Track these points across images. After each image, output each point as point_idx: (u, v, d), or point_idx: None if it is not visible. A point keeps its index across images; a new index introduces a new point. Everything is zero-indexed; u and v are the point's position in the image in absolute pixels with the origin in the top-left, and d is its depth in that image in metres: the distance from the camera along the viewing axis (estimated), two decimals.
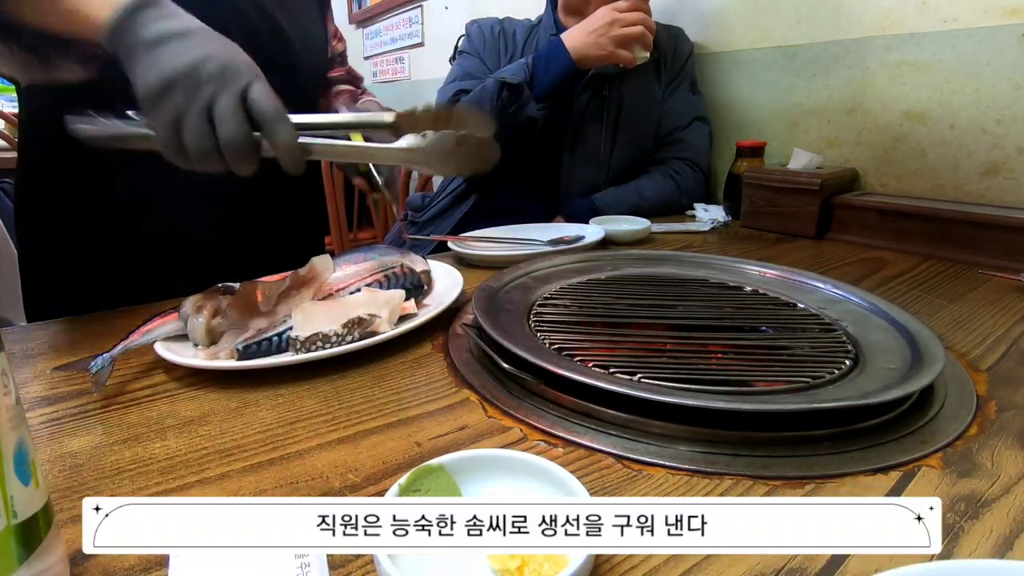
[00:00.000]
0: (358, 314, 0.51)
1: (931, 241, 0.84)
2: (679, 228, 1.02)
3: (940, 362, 0.42)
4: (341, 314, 0.51)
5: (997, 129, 0.89)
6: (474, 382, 0.47)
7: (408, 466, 0.35)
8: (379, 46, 2.73)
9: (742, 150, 1.11)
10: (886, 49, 0.99)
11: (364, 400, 0.45)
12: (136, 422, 0.42)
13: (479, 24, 1.22)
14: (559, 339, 0.51)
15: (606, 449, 0.38)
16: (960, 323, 0.58)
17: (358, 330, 0.51)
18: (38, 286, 0.71)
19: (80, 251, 0.69)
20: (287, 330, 0.51)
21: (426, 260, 0.68)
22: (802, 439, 0.38)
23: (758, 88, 1.19)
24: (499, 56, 1.18)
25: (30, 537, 0.24)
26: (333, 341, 0.50)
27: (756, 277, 0.66)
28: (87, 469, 0.37)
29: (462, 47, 1.24)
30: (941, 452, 0.37)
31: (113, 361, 0.48)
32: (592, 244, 0.86)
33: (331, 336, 0.50)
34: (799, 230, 0.96)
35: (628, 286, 0.61)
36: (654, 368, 0.45)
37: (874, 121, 1.03)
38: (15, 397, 0.24)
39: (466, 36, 1.23)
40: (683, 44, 1.22)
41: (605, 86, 1.14)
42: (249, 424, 0.42)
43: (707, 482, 0.35)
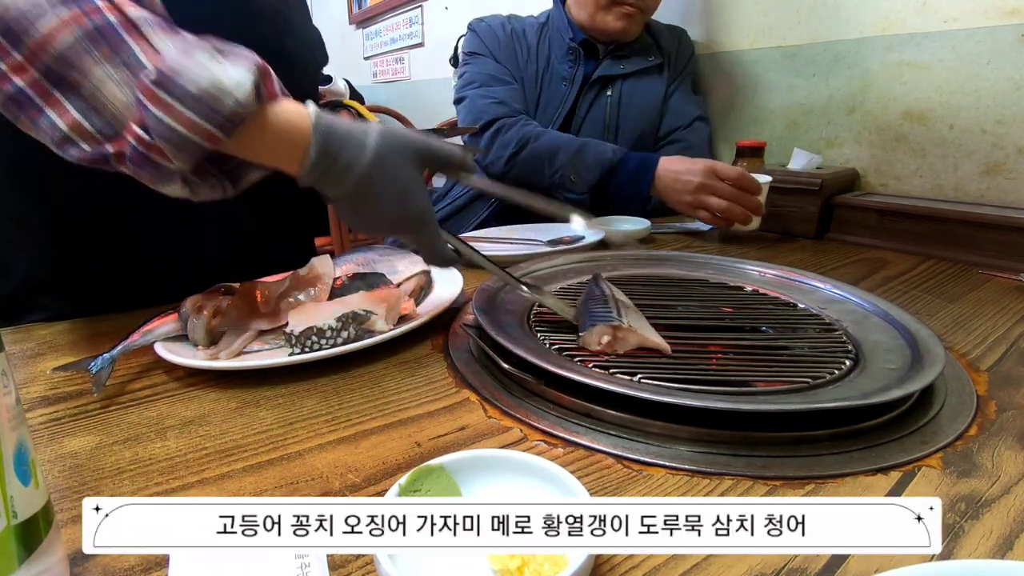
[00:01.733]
0: (353, 309, 0.51)
1: (931, 241, 0.84)
2: (679, 228, 1.02)
3: (940, 362, 0.42)
4: (338, 311, 0.51)
5: (997, 129, 0.89)
6: (474, 382, 0.47)
7: (408, 466, 0.35)
8: (379, 46, 2.73)
9: (742, 150, 1.11)
10: (886, 49, 0.99)
11: (364, 400, 0.45)
12: (136, 422, 0.42)
13: (488, 23, 1.19)
14: (559, 339, 0.51)
15: (606, 449, 0.38)
16: (960, 323, 0.58)
17: (353, 326, 0.51)
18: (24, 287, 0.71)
19: (68, 254, 0.68)
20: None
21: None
22: (802, 439, 0.38)
23: (758, 88, 1.20)
24: (515, 56, 1.16)
25: (30, 537, 0.24)
26: (328, 336, 0.50)
27: (756, 277, 0.66)
28: (87, 469, 0.37)
29: (471, 48, 1.20)
30: (941, 452, 0.37)
31: (113, 361, 0.48)
32: (592, 244, 0.86)
33: (325, 330, 0.50)
34: (799, 230, 0.96)
35: (628, 286, 0.61)
36: (654, 368, 0.45)
37: (874, 121, 1.03)
38: (15, 397, 0.24)
39: (474, 34, 1.20)
40: (686, 44, 1.22)
41: (608, 86, 1.14)
42: (249, 424, 0.42)
43: (707, 482, 0.35)
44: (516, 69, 1.16)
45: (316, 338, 0.50)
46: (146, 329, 0.52)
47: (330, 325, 0.50)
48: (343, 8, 2.92)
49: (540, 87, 1.15)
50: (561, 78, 1.14)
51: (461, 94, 1.17)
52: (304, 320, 0.50)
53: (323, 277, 0.60)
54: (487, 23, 1.20)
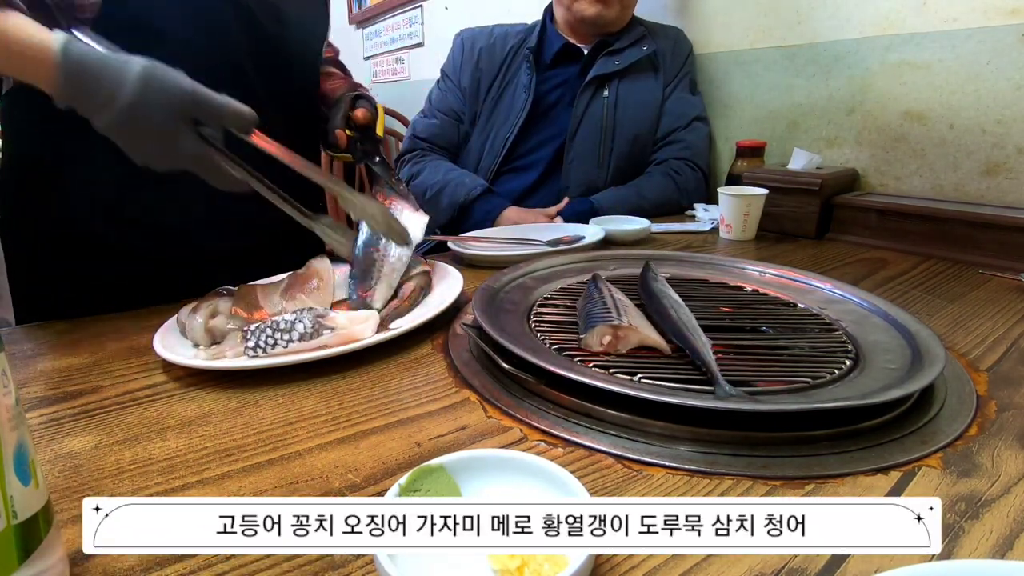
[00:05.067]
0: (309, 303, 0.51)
1: (931, 241, 0.84)
2: (679, 228, 1.02)
3: (940, 362, 0.42)
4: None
5: (997, 129, 0.89)
6: (474, 382, 0.47)
7: (408, 466, 0.35)
8: (379, 46, 2.72)
9: (742, 150, 1.11)
10: (886, 49, 0.99)
11: (364, 400, 0.45)
12: (136, 422, 0.42)
13: (471, 34, 1.25)
14: (559, 339, 0.51)
15: (606, 449, 0.38)
16: (960, 323, 0.58)
17: (308, 317, 0.50)
18: (24, 290, 0.71)
19: (63, 257, 0.68)
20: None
21: (425, 260, 0.68)
22: (802, 439, 0.38)
23: (758, 88, 1.19)
24: (480, 72, 1.21)
25: (30, 537, 0.24)
26: (283, 329, 0.49)
27: (756, 277, 0.66)
28: (87, 469, 0.37)
29: (445, 65, 1.28)
30: (941, 452, 0.37)
31: None
32: (592, 244, 0.86)
33: (280, 323, 0.50)
34: (799, 230, 0.96)
35: (628, 286, 0.61)
36: (654, 368, 0.45)
37: (874, 121, 1.03)
38: (15, 397, 0.24)
39: (453, 48, 1.27)
40: (682, 44, 1.22)
41: (603, 86, 1.14)
42: (249, 424, 0.42)
43: (707, 482, 0.35)
44: (474, 87, 1.22)
45: (271, 331, 0.49)
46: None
47: (285, 319, 0.50)
48: (343, 8, 2.92)
49: (501, 95, 1.19)
50: (523, 86, 1.17)
51: (418, 119, 1.29)
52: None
53: (322, 275, 0.60)
54: (469, 35, 1.25)
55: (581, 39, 1.18)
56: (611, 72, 1.14)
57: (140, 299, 0.65)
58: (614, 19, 1.13)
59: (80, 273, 0.68)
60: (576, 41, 1.18)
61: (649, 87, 1.17)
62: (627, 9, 1.15)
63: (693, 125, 1.18)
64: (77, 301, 0.65)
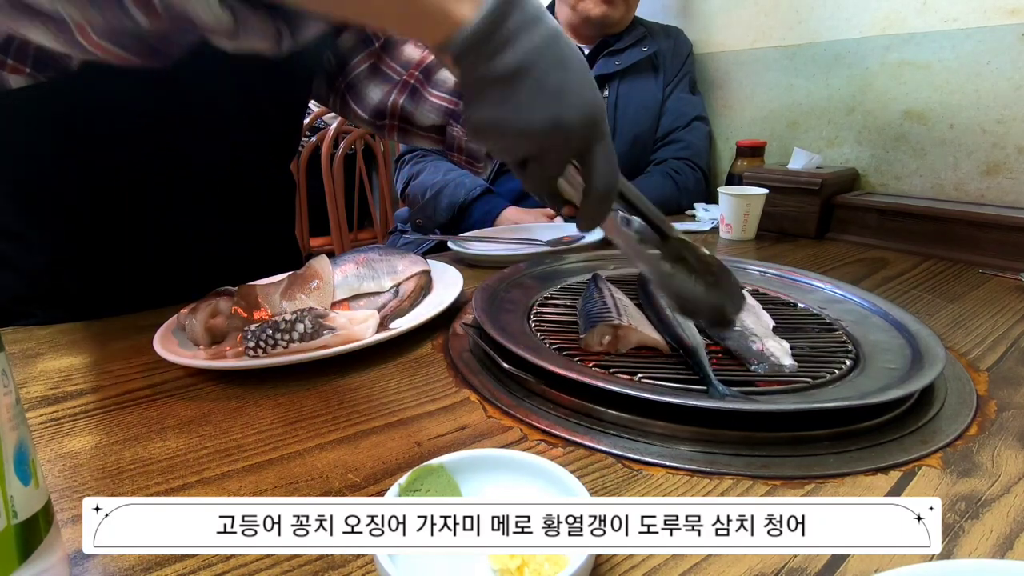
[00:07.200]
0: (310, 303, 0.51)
1: (931, 241, 0.84)
2: (679, 228, 1.01)
3: (940, 362, 0.42)
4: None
5: (997, 129, 0.89)
6: (474, 382, 0.47)
7: (408, 466, 0.35)
8: None
9: (742, 150, 1.11)
10: (886, 49, 0.99)
11: (364, 400, 0.45)
12: (136, 422, 0.42)
13: None
14: (559, 339, 0.51)
15: (606, 449, 0.38)
16: (960, 323, 0.58)
17: (309, 317, 0.50)
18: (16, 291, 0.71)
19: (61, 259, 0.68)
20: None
21: (425, 260, 0.68)
22: (802, 439, 0.38)
23: (758, 88, 1.19)
24: None
25: (30, 537, 0.24)
26: (283, 329, 0.49)
27: (756, 277, 0.66)
28: (87, 469, 0.37)
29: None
30: (941, 452, 0.37)
31: None
32: (592, 244, 0.86)
33: (280, 323, 0.49)
34: (799, 230, 0.96)
35: (628, 286, 0.61)
36: (654, 368, 0.45)
37: (874, 121, 1.03)
38: (15, 397, 0.24)
39: None
40: (682, 44, 1.22)
41: (604, 86, 1.14)
42: (249, 424, 0.42)
43: (707, 482, 0.35)
44: None
45: (271, 331, 0.49)
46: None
47: (285, 319, 0.50)
48: None
49: None
50: None
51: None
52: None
53: (322, 275, 0.60)
54: None
55: (582, 39, 1.18)
56: (611, 73, 1.14)
57: (140, 299, 0.65)
58: (619, 19, 1.13)
59: (79, 284, 0.68)
60: (577, 41, 1.18)
61: (649, 88, 1.17)
62: (631, 10, 1.15)
63: (693, 125, 1.18)
64: (78, 301, 0.65)
